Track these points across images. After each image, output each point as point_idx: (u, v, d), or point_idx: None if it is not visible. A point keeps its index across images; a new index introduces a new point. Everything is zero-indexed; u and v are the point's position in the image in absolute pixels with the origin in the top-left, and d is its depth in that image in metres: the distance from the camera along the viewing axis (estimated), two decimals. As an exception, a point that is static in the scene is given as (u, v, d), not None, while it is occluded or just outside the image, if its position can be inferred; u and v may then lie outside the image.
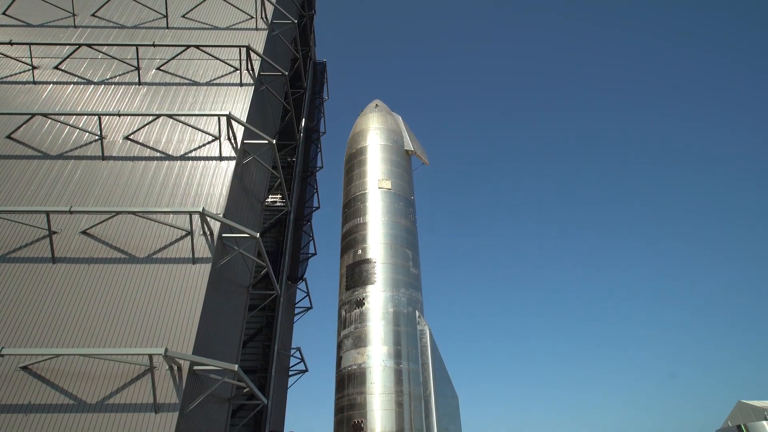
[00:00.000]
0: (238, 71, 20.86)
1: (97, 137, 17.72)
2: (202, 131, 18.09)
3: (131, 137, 17.91)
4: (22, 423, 11.12)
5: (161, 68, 20.98)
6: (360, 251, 21.79)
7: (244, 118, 18.86)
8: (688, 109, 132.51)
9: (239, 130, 18.18)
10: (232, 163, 17.29)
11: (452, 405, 20.19)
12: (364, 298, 20.38)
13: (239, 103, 19.74)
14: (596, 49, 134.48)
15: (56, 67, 20.85)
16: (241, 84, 20.52)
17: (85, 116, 18.43)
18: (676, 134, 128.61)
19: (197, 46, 21.02)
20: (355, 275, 21.23)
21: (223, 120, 17.92)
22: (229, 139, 17.89)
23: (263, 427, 19.83)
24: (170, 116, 17.94)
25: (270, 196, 27.51)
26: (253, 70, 20.97)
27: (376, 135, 25.83)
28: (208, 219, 14.94)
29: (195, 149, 17.75)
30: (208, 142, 17.93)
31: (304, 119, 31.45)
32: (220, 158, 17.46)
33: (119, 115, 17.68)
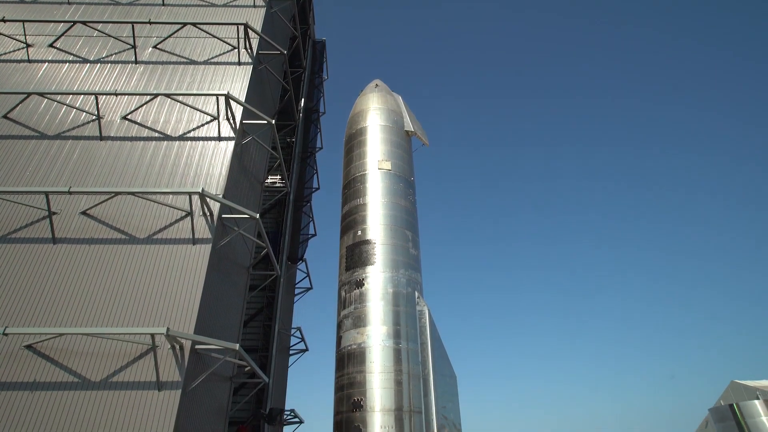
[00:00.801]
0: (236, 50, 20.55)
1: (94, 117, 17.55)
2: (201, 111, 17.91)
3: (129, 117, 17.75)
4: (28, 400, 11.31)
5: (158, 46, 20.66)
6: (360, 232, 21.84)
7: (242, 98, 18.65)
8: (685, 95, 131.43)
9: (238, 110, 18.01)
10: (231, 144, 17.17)
11: (450, 384, 20.53)
12: (363, 279, 20.52)
13: (237, 82, 19.50)
14: (598, 37, 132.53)
15: (51, 45, 20.52)
16: (239, 63, 20.24)
17: (82, 95, 18.22)
18: (674, 120, 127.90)
19: (194, 24, 20.66)
20: (355, 256, 21.32)
21: (222, 100, 17.73)
22: (227, 119, 17.73)
23: (264, 404, 20.19)
24: (168, 96, 17.75)
25: (269, 177, 27.41)
26: (251, 48, 20.65)
27: (376, 115, 25.62)
28: (208, 200, 14.92)
29: (193, 129, 17.61)
30: (207, 122, 17.78)
31: (303, 99, 31.11)
32: (219, 138, 17.33)
33: (116, 94, 17.48)
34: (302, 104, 30.89)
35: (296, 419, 22.81)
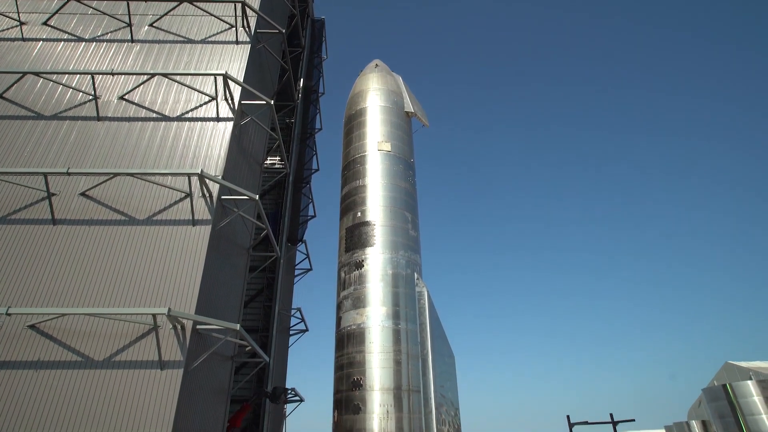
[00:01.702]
0: (234, 28, 20.21)
1: (91, 97, 17.38)
2: (199, 91, 17.71)
3: (126, 97, 17.56)
4: (33, 379, 11.48)
5: (154, 25, 20.31)
6: (359, 213, 21.85)
7: (240, 78, 18.43)
8: (682, 82, 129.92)
9: (236, 90, 17.81)
10: (230, 124, 17.03)
11: (449, 364, 20.80)
12: (363, 260, 20.61)
13: (235, 62, 19.23)
14: (602, 20, 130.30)
15: (45, 23, 20.17)
16: (236, 42, 19.93)
17: (78, 75, 17.99)
18: (676, 110, 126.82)
19: (190, 1, 20.27)
20: (355, 237, 21.38)
21: (220, 80, 17.52)
22: (226, 99, 17.55)
23: (265, 383, 20.51)
24: (165, 75, 17.52)
25: (269, 158, 27.28)
26: (249, 27, 20.31)
27: (375, 96, 25.37)
28: (207, 181, 14.88)
29: (192, 110, 17.44)
30: (205, 103, 17.60)
31: (302, 79, 30.74)
32: (218, 119, 17.18)
33: (113, 74, 17.24)
34: (301, 84, 30.53)
35: (297, 398, 23.18)
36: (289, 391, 23.06)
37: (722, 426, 36.03)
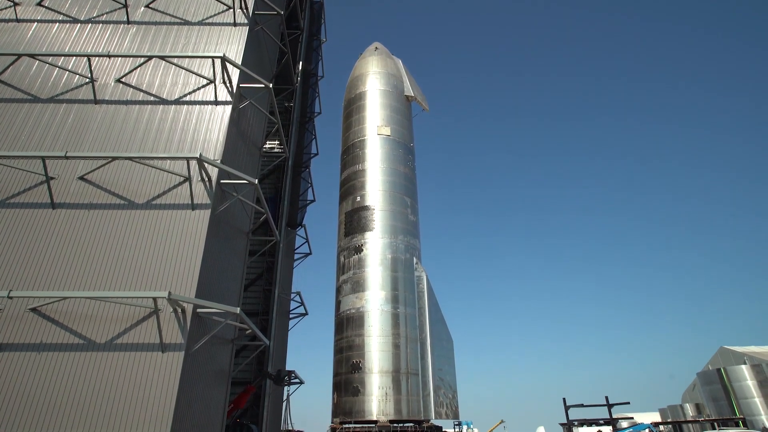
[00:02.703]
0: (232, 10, 19.89)
1: (87, 80, 17.18)
2: (196, 74, 17.52)
3: (123, 80, 17.37)
4: (36, 361, 11.59)
5: (150, 6, 19.98)
6: (359, 198, 21.85)
7: (239, 60, 18.21)
8: (680, 74, 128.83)
9: (234, 73, 17.61)
10: (228, 108, 16.89)
11: (447, 348, 21.03)
12: (362, 245, 20.67)
13: (233, 44, 18.98)
14: (606, 12, 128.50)
15: (39, 4, 19.83)
16: (234, 24, 19.64)
17: (74, 57, 17.75)
18: (668, 93, 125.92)
19: (187, -18, 19.91)
20: (354, 222, 21.41)
21: (218, 62, 17.31)
22: (224, 82, 17.36)
23: (266, 366, 20.74)
24: (162, 58, 17.29)
25: (268, 142, 27.11)
26: (247, 8, 19.99)
27: (375, 79, 25.14)
28: (206, 165, 14.82)
29: (189, 93, 17.27)
30: (203, 86, 17.42)
31: (301, 62, 30.38)
32: (216, 102, 17.03)
33: (109, 56, 17.01)
34: (300, 67, 30.18)
35: (297, 380, 23.49)
36: (291, 374, 23.37)
37: (715, 409, 36.64)
